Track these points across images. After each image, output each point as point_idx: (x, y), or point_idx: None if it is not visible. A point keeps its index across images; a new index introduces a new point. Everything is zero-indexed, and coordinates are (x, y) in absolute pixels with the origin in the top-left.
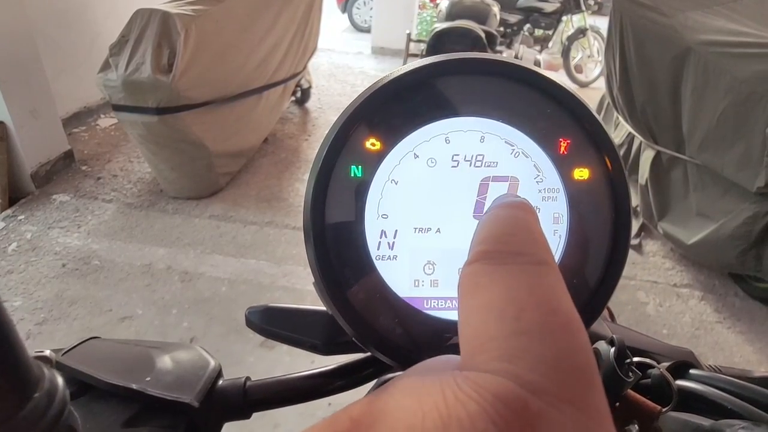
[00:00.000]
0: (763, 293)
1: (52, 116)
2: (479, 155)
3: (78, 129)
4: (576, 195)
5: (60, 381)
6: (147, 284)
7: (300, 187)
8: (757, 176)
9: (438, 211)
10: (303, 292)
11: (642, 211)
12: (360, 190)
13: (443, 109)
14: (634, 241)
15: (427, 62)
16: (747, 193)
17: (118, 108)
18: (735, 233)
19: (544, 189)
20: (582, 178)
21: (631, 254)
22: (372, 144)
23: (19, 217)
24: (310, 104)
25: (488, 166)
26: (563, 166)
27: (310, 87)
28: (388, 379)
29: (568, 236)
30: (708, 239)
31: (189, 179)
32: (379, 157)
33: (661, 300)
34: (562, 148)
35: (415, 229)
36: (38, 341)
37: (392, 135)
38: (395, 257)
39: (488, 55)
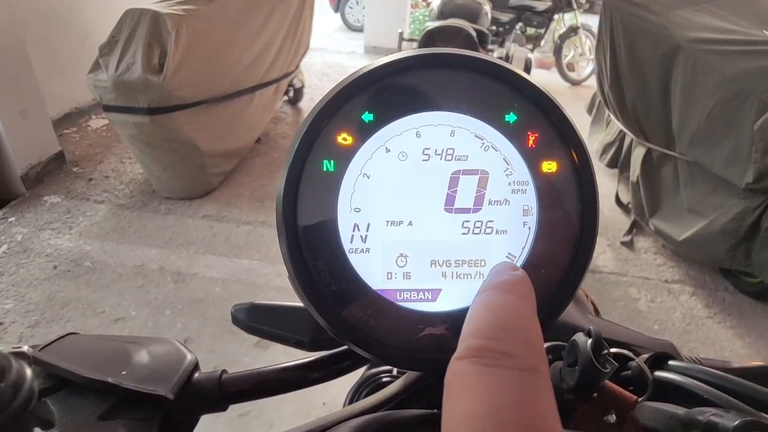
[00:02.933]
0: (753, 288)
1: (43, 117)
2: (450, 149)
3: (69, 130)
4: (545, 187)
5: (28, 373)
6: (140, 285)
7: None
8: (746, 172)
9: (410, 204)
10: (296, 298)
11: (633, 208)
12: (332, 184)
13: (414, 103)
14: (625, 238)
15: (396, 58)
16: (736, 189)
17: (109, 108)
18: (725, 229)
19: (514, 182)
20: (550, 170)
21: (623, 251)
22: (344, 138)
23: (10, 219)
24: (303, 104)
25: (458, 159)
26: (532, 159)
27: (302, 86)
28: (372, 375)
29: (537, 228)
30: (698, 235)
31: (181, 179)
32: (351, 151)
33: (653, 296)
34: (531, 142)
35: (388, 222)
36: (31, 344)
37: (363, 129)
38: (368, 250)
39: (457, 50)
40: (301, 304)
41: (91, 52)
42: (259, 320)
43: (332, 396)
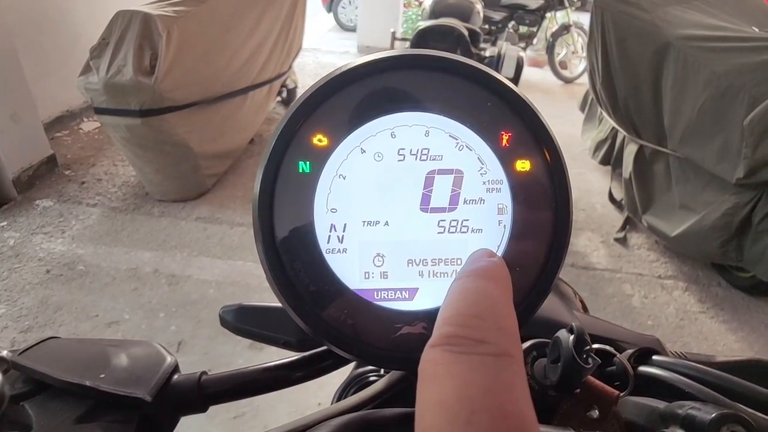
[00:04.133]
0: (745, 282)
1: (34, 120)
2: (424, 149)
3: (60, 133)
4: (519, 186)
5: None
6: (134, 288)
7: None
8: (737, 168)
9: (386, 204)
10: None
11: (626, 204)
12: (308, 185)
13: (388, 104)
14: (619, 235)
15: (369, 59)
16: (727, 184)
17: (100, 111)
18: (716, 224)
19: (488, 181)
20: (524, 169)
21: (617, 247)
22: (319, 140)
23: (1, 224)
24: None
25: (433, 159)
26: (506, 158)
27: (296, 87)
28: (359, 374)
29: (512, 226)
30: (691, 231)
31: (174, 181)
32: (327, 152)
33: (646, 292)
34: (504, 141)
35: (364, 222)
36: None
37: (338, 131)
38: (345, 250)
39: (430, 51)
40: None
41: (81, 54)
42: (246, 321)
43: (327, 396)
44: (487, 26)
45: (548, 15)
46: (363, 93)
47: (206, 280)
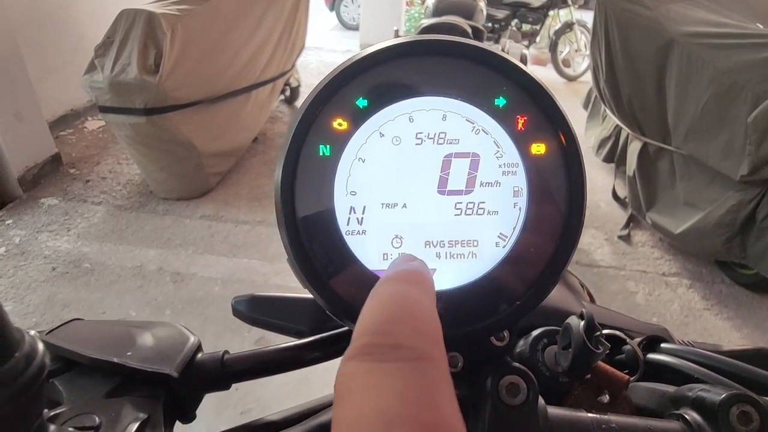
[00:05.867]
0: (749, 279)
1: (38, 119)
2: (442, 133)
3: (65, 132)
4: (534, 169)
5: (40, 346)
6: (139, 286)
7: None
8: (741, 165)
9: (404, 187)
10: (296, 290)
11: (630, 202)
12: (328, 168)
13: (406, 89)
14: (623, 232)
15: (388, 45)
16: (731, 181)
17: (104, 109)
18: (721, 221)
19: (504, 164)
20: (539, 153)
21: (621, 245)
22: (339, 124)
23: (7, 222)
24: (299, 103)
25: (450, 143)
26: (521, 141)
27: (299, 86)
28: None
29: (527, 208)
30: (695, 228)
31: (178, 180)
32: (346, 136)
33: (651, 289)
34: (520, 125)
35: (383, 204)
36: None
37: (358, 115)
38: (364, 232)
39: (447, 37)
40: (300, 295)
41: (85, 53)
42: (259, 311)
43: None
44: (490, 24)
45: (551, 13)
46: (382, 78)
47: (211, 278)
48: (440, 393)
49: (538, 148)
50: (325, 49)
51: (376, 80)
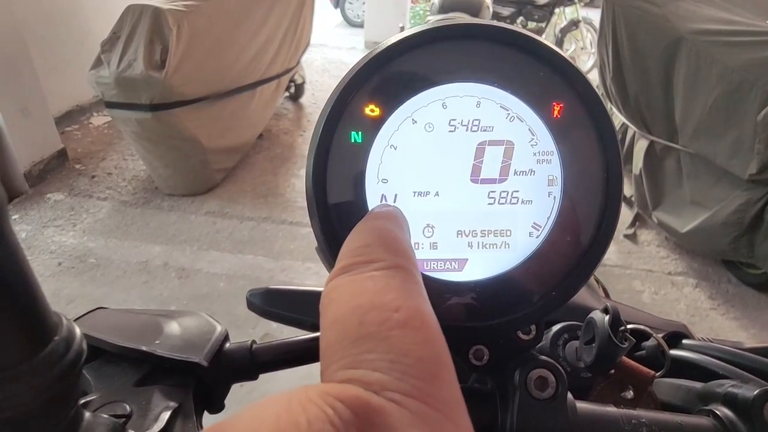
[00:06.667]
0: (756, 279)
1: (44, 115)
2: (475, 120)
3: (71, 127)
4: (569, 157)
5: (77, 330)
6: (144, 281)
7: (296, 183)
8: (749, 164)
9: (436, 175)
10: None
11: (636, 200)
12: (360, 155)
13: (439, 75)
14: (629, 231)
15: (421, 29)
16: (739, 180)
17: (110, 105)
18: (728, 220)
19: (539, 152)
20: (575, 141)
21: (627, 244)
22: (371, 110)
23: (13, 217)
24: (305, 100)
25: (484, 130)
26: (557, 129)
27: (303, 82)
28: None
29: (562, 198)
30: (701, 227)
31: (184, 176)
32: (379, 122)
33: (657, 288)
34: (556, 112)
35: (414, 192)
36: None
37: (390, 101)
38: None
39: (481, 20)
40: (315, 289)
41: (91, 49)
42: (274, 304)
43: None
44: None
45: (557, 10)
46: (415, 63)
47: (216, 274)
48: (409, 290)
49: (573, 136)
50: (329, 46)
51: (409, 65)
